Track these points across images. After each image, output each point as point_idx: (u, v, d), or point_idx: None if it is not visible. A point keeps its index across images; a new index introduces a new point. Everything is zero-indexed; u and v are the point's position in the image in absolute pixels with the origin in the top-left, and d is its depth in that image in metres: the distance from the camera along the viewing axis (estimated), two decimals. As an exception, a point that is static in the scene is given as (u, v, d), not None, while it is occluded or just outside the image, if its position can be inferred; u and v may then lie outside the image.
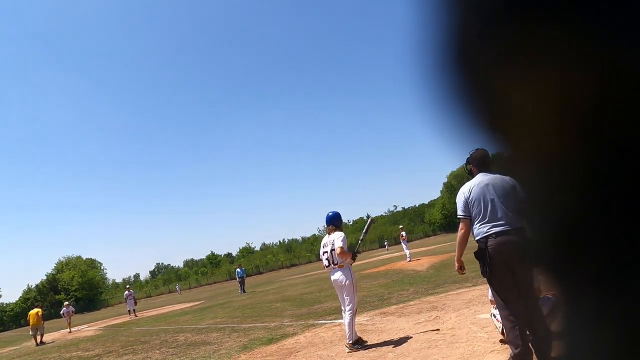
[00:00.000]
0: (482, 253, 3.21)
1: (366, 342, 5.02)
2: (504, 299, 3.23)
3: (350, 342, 4.91)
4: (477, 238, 3.27)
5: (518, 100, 0.30)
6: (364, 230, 5.59)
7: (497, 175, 3.29)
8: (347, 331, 4.95)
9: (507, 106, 0.31)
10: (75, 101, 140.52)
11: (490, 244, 3.15)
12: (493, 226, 3.16)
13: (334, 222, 5.25)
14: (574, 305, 0.33)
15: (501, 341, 3.90)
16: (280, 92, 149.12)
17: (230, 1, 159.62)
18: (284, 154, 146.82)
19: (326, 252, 5.13)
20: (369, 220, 5.84)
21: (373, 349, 4.82)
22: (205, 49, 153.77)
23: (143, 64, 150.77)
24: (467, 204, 3.31)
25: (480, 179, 3.30)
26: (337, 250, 4.93)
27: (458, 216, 3.40)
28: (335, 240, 5.03)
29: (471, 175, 3.47)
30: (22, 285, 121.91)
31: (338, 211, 5.35)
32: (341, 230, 5.22)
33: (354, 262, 5.12)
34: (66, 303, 21.59)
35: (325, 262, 5.19)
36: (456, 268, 3.64)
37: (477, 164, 3.39)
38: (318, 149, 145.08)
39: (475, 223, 3.27)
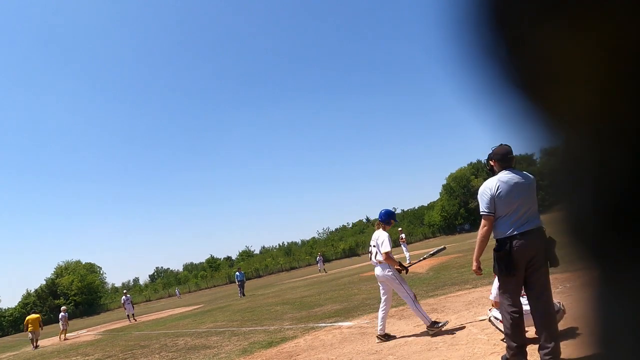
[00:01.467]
0: (506, 253, 3.13)
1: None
2: (513, 297, 3.22)
3: (428, 323, 4.96)
4: (500, 237, 3.19)
5: (562, 59, 0.27)
6: (431, 253, 5.82)
7: (523, 173, 3.19)
8: (422, 318, 5.00)
9: (549, 66, 0.28)
10: (73, 104, 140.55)
11: (515, 244, 3.09)
12: (518, 226, 3.08)
13: (381, 218, 5.47)
14: (611, 285, 0.30)
15: (503, 340, 3.89)
16: (280, 94, 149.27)
17: (230, 2, 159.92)
18: (283, 156, 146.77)
19: (371, 246, 5.43)
20: (442, 248, 6.14)
21: (373, 351, 4.82)
22: (204, 49, 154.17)
23: (142, 66, 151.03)
24: (493, 200, 3.18)
25: (507, 176, 3.19)
26: (383, 257, 5.16)
27: (481, 212, 3.25)
28: (380, 244, 5.23)
29: (491, 171, 3.35)
30: (21, 290, 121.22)
31: (389, 209, 5.56)
32: (385, 229, 5.39)
33: (401, 272, 5.25)
34: (63, 307, 19.99)
35: (369, 255, 5.54)
36: (473, 268, 3.51)
37: (499, 159, 3.26)
38: (317, 151, 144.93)
39: (499, 221, 3.18)
